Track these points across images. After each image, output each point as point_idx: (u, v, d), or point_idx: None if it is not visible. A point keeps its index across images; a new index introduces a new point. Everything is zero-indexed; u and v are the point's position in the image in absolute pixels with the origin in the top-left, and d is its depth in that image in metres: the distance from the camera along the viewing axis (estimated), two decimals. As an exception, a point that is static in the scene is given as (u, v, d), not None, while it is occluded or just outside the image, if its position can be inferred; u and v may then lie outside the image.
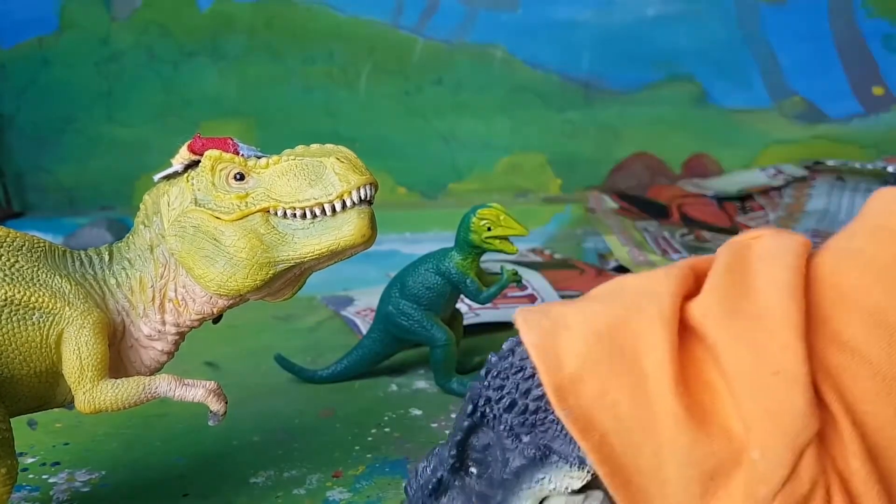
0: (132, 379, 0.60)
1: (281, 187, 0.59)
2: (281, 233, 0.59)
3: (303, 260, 0.60)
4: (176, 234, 0.61)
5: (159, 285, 0.62)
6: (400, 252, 1.71)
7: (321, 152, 0.60)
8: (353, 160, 0.60)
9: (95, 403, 0.59)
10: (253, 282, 0.60)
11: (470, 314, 1.23)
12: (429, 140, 2.01)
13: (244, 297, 0.62)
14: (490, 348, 1.17)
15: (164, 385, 0.59)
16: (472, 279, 0.97)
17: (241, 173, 0.60)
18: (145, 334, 0.63)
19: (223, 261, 0.59)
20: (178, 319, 0.63)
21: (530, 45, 1.98)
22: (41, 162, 1.95)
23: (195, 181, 0.61)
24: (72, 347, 0.58)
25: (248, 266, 0.59)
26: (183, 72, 1.93)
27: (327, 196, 0.58)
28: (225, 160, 0.60)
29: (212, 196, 0.60)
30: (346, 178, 0.58)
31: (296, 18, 1.91)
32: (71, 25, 1.91)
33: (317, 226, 0.59)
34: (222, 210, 0.59)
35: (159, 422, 0.92)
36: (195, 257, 0.60)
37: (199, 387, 0.60)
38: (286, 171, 0.59)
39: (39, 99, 1.93)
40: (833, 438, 0.43)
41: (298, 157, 0.60)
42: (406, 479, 0.53)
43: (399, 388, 1.01)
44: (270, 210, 0.59)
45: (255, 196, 0.59)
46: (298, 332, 1.27)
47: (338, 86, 1.96)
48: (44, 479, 0.79)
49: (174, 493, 0.77)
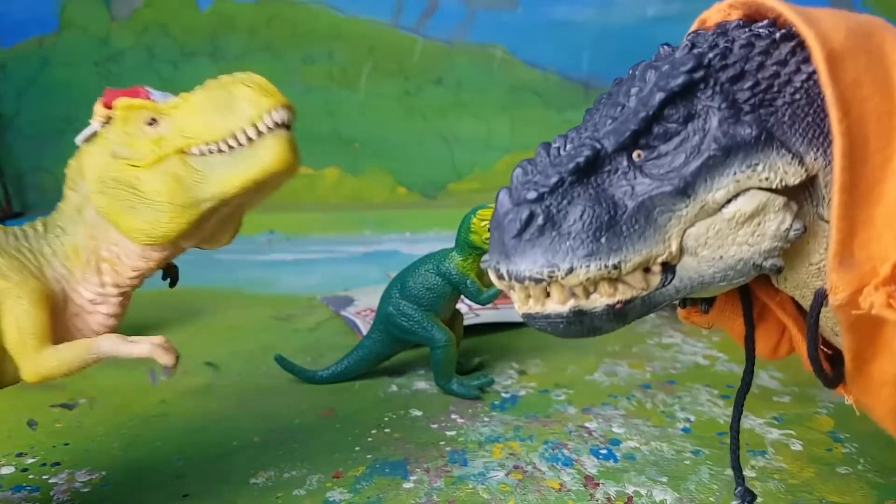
0: (75, 342, 0.59)
1: (193, 124, 0.57)
2: (200, 171, 0.57)
3: (225, 195, 0.57)
4: (98, 191, 0.59)
5: (91, 246, 0.61)
6: (400, 252, 1.71)
7: (229, 81, 0.58)
8: (263, 84, 0.57)
9: (41, 371, 0.58)
10: (178, 225, 0.57)
11: (470, 315, 1.23)
12: (429, 140, 2.01)
13: (177, 244, 0.60)
14: (490, 348, 1.18)
15: (107, 344, 0.58)
16: (473, 280, 0.98)
17: (153, 118, 0.58)
18: (88, 299, 0.62)
19: (145, 209, 0.57)
20: (116, 279, 0.61)
21: (530, 45, 1.97)
22: (41, 162, 1.95)
23: (111, 134, 0.59)
24: (11, 319, 0.57)
25: (171, 210, 0.57)
26: (183, 72, 1.93)
27: (239, 124, 0.56)
28: (136, 107, 0.58)
29: (126, 146, 0.58)
30: (258, 103, 0.56)
31: (296, 18, 1.91)
32: (71, 25, 1.91)
33: (234, 158, 0.56)
34: (138, 157, 0.57)
35: (159, 422, 0.92)
36: (119, 210, 0.58)
37: (143, 342, 0.58)
38: (196, 108, 0.57)
39: (39, 99, 1.93)
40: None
41: (208, 90, 0.57)
42: (404, 475, 0.52)
43: (399, 389, 1.01)
44: (186, 149, 0.57)
45: (168, 138, 0.57)
46: (298, 332, 1.27)
47: (338, 86, 1.96)
48: (44, 480, 0.79)
49: (174, 493, 0.76)
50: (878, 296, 0.43)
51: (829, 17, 0.48)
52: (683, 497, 0.73)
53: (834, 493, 0.73)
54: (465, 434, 0.88)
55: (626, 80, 0.51)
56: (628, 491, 0.75)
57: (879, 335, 0.48)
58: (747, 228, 0.47)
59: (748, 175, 0.47)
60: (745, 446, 0.83)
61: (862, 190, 0.45)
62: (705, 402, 0.94)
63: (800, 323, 0.59)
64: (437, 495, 0.74)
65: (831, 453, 0.81)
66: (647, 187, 0.47)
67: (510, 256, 0.46)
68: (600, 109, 0.51)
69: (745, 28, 0.50)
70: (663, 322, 1.25)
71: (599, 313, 0.47)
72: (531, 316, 0.48)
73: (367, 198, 1.99)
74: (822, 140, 0.48)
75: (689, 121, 0.47)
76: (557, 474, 0.78)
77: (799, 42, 0.49)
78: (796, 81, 0.48)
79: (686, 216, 0.47)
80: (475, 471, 0.79)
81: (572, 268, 0.45)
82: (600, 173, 0.47)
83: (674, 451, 0.82)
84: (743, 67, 0.48)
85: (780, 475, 0.77)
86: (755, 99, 0.48)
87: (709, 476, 0.77)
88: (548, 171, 0.47)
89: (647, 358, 1.10)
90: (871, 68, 0.46)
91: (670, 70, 0.48)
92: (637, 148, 0.48)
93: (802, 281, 0.53)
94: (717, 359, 1.09)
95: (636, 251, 0.46)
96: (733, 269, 0.48)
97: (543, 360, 1.10)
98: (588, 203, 0.46)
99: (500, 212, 0.47)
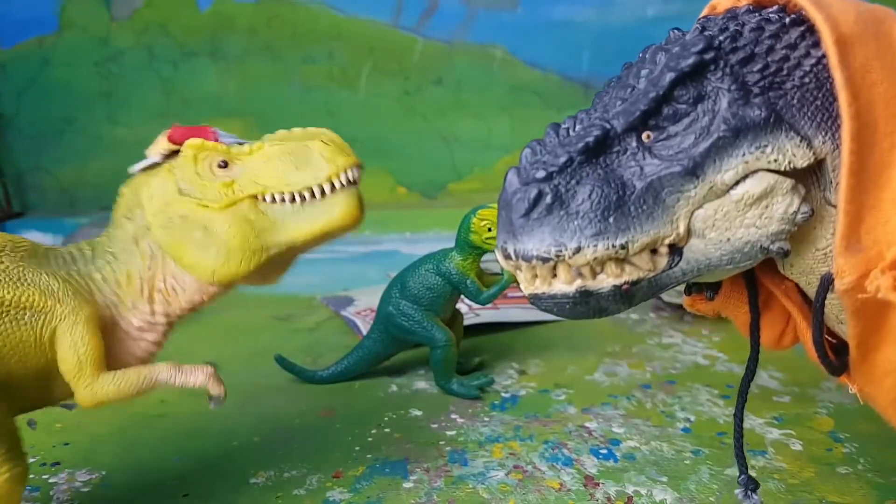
0: (132, 369, 0.60)
1: (268, 173, 0.59)
2: (271, 218, 0.59)
3: (295, 243, 0.60)
4: (162, 225, 0.60)
5: (147, 276, 0.62)
6: (400, 252, 1.71)
7: (305, 136, 0.61)
8: (339, 142, 0.60)
9: (98, 396, 0.59)
10: (247, 267, 0.59)
11: (470, 314, 1.23)
12: (429, 140, 2.01)
13: (235, 283, 0.62)
14: (490, 348, 1.18)
15: (164, 373, 0.60)
16: (473, 280, 0.97)
17: (224, 161, 0.60)
18: (136, 326, 0.62)
19: (215, 249, 0.59)
20: (167, 310, 0.63)
21: (530, 45, 1.97)
22: (41, 162, 1.95)
23: (178, 171, 0.60)
24: (67, 343, 0.57)
25: (242, 252, 0.59)
26: (183, 72, 1.92)
27: (316, 179, 0.59)
28: (208, 148, 0.60)
29: (196, 185, 0.60)
30: (334, 160, 0.59)
31: (296, 18, 1.91)
32: (71, 25, 1.90)
33: (307, 209, 0.60)
34: (209, 198, 0.59)
35: (159, 422, 0.92)
36: (185, 247, 0.59)
37: (198, 372, 0.60)
38: (272, 157, 0.59)
39: (39, 99, 1.92)
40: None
41: (283, 142, 0.60)
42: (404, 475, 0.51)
43: (399, 389, 1.01)
44: (258, 196, 0.59)
45: (241, 183, 0.59)
46: (298, 332, 1.27)
47: (338, 86, 1.96)
48: (44, 479, 0.79)
49: (174, 493, 0.77)
50: (885, 279, 0.44)
51: (839, 3, 0.48)
52: (683, 497, 0.73)
53: (834, 492, 0.73)
54: (465, 434, 0.88)
55: (637, 62, 0.52)
56: (628, 491, 0.75)
57: (885, 322, 0.48)
58: (755, 210, 0.48)
59: (757, 157, 0.47)
60: (746, 445, 0.83)
61: (870, 174, 0.45)
62: (705, 401, 0.94)
63: (805, 311, 0.59)
64: (437, 495, 0.74)
65: (831, 453, 0.81)
66: (656, 168, 0.47)
67: (518, 235, 0.46)
68: (610, 92, 0.51)
69: (755, 12, 0.51)
70: (663, 322, 1.25)
71: (606, 294, 0.47)
72: (537, 296, 0.48)
73: (367, 198, 1.99)
74: (831, 124, 0.48)
75: (699, 102, 0.48)
76: (557, 474, 0.78)
77: (809, 26, 0.49)
78: (805, 65, 0.48)
79: (694, 197, 0.47)
80: (475, 470, 0.79)
81: (580, 247, 0.45)
82: (609, 154, 0.47)
83: (674, 451, 0.82)
84: (753, 50, 0.48)
85: (780, 475, 0.77)
86: (765, 81, 0.48)
87: (709, 476, 0.77)
88: (557, 150, 0.47)
89: (647, 358, 1.10)
90: (881, 54, 0.46)
91: (681, 51, 0.48)
92: (647, 129, 0.48)
93: (808, 266, 0.53)
94: (717, 359, 1.09)
95: (644, 231, 0.46)
96: (740, 251, 0.49)
97: (543, 359, 1.10)
98: (597, 183, 0.46)
99: (508, 191, 0.47)
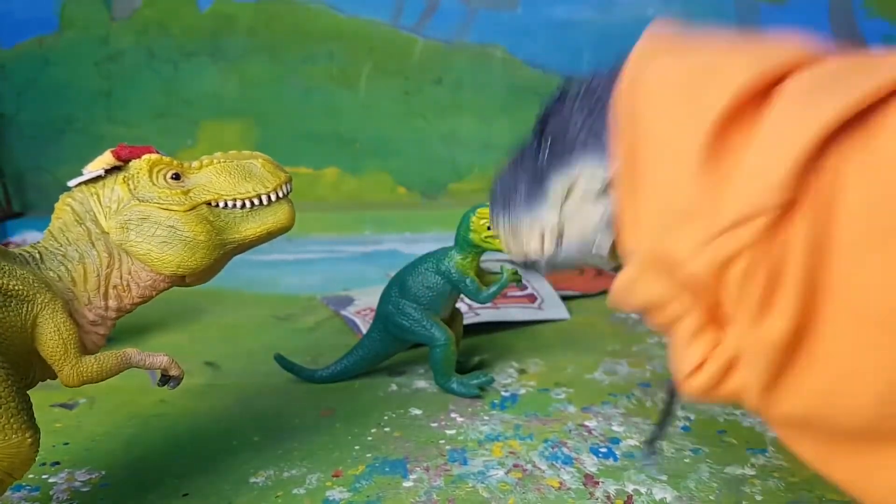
0: (109, 352, 0.67)
1: (220, 183, 0.71)
2: (225, 220, 0.71)
3: (245, 240, 0.72)
4: (120, 227, 0.68)
5: (104, 273, 0.68)
6: (400, 252, 1.71)
7: (244, 156, 0.73)
8: (274, 162, 0.74)
9: (84, 376, 0.65)
10: (208, 260, 0.70)
11: (470, 314, 1.23)
12: (429, 140, 2.01)
13: (184, 277, 0.70)
14: (490, 348, 1.18)
15: (134, 356, 0.68)
16: (472, 279, 0.98)
17: (177, 174, 0.70)
18: (89, 320, 0.68)
19: (182, 244, 0.68)
20: (120, 304, 0.70)
21: (530, 45, 1.97)
22: (41, 162, 1.95)
23: (132, 182, 0.69)
24: (51, 328, 0.63)
25: (206, 247, 0.69)
26: (183, 72, 1.93)
27: (264, 188, 0.72)
28: (164, 163, 0.70)
29: (155, 193, 0.69)
30: (276, 174, 0.73)
31: (296, 18, 1.91)
32: (71, 25, 1.90)
33: (255, 213, 0.72)
34: (170, 203, 0.69)
35: (159, 422, 0.92)
36: (150, 244, 0.68)
37: (160, 356, 0.69)
38: (222, 171, 0.72)
39: (39, 99, 1.92)
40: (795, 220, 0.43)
41: (230, 160, 0.73)
42: (403, 474, 0.52)
43: (399, 388, 1.01)
44: (212, 202, 0.71)
45: (196, 191, 0.70)
46: (298, 332, 1.27)
47: (338, 86, 1.96)
48: (44, 479, 0.79)
49: (174, 493, 0.77)
50: None
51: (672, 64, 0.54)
52: (683, 495, 0.73)
53: (833, 491, 0.73)
54: (464, 433, 0.88)
55: None
56: (628, 489, 0.75)
57: None
58: None
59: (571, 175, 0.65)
60: (745, 444, 0.83)
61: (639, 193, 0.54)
62: (705, 401, 0.94)
63: None
64: (437, 494, 0.74)
65: (831, 452, 0.81)
66: None
67: None
68: None
69: None
70: (663, 321, 1.25)
71: None
72: None
73: (367, 198, 1.99)
74: None
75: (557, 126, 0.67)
76: (557, 473, 0.78)
77: None
78: None
79: None
80: (475, 469, 0.79)
81: None
82: None
83: (673, 450, 0.82)
84: (590, 84, 0.68)
85: (780, 473, 0.77)
86: (595, 107, 0.66)
87: (709, 474, 0.77)
88: None
89: (646, 356, 1.10)
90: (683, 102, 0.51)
91: None
92: None
93: None
94: (716, 358, 1.08)
95: None
96: None
97: (543, 358, 1.10)
98: None
99: None
